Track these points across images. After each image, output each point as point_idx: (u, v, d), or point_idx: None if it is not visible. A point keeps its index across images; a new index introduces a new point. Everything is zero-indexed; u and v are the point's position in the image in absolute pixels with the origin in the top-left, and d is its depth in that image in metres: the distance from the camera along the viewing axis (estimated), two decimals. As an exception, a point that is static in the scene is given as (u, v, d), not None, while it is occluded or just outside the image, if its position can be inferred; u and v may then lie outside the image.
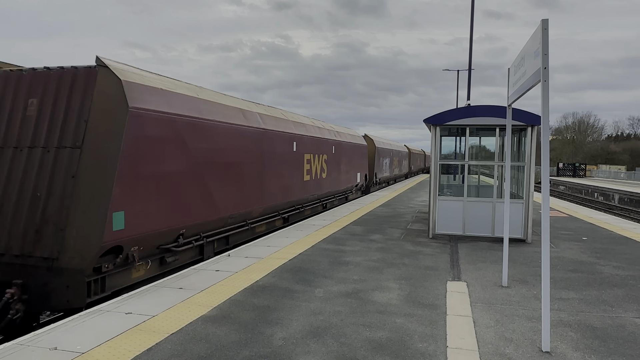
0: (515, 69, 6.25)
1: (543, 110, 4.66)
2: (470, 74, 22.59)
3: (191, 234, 8.94)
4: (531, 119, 10.08)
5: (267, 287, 6.62)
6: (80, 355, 4.35)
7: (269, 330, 5.04)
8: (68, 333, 4.87)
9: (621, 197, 35.10)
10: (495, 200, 10.68)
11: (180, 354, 4.42)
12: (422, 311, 5.74)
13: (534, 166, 10.46)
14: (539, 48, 4.67)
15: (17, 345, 4.58)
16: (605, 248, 10.11)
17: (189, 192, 8.65)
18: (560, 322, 5.50)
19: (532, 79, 5.04)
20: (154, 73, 8.61)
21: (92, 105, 6.93)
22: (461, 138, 12.35)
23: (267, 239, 10.45)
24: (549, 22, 4.64)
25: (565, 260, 8.79)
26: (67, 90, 7.09)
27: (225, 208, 9.97)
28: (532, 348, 4.71)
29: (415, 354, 4.50)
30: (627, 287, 7.05)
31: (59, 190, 6.73)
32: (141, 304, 5.82)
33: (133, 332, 4.93)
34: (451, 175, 14.13)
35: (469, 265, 8.24)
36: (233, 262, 8.16)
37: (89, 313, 5.49)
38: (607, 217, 16.25)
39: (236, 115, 10.68)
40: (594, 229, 12.92)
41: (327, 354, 4.46)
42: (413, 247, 9.73)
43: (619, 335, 5.12)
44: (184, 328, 5.05)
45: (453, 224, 10.89)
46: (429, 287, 6.83)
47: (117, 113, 6.96)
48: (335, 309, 5.77)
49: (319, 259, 8.42)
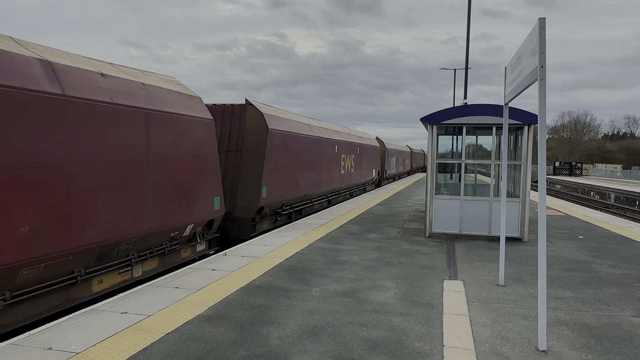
0: (512, 67, 6.24)
1: (540, 109, 4.66)
2: (467, 73, 22.61)
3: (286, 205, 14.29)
4: (528, 117, 10.09)
5: (263, 287, 6.60)
6: (75, 355, 4.32)
7: (265, 329, 5.03)
8: (63, 333, 4.84)
9: (617, 196, 35.21)
10: (492, 199, 10.69)
11: (176, 353, 4.40)
12: (419, 310, 5.74)
13: (531, 165, 10.48)
14: (536, 46, 4.66)
15: (12, 345, 4.54)
16: (602, 247, 10.14)
17: (288, 178, 13.97)
18: (557, 320, 5.50)
19: (529, 78, 5.03)
20: (271, 106, 14.09)
21: (246, 127, 12.30)
22: (458, 137, 12.35)
23: (263, 238, 10.43)
24: (545, 21, 4.63)
25: (561, 259, 8.80)
26: (231, 118, 12.40)
27: (302, 189, 15.34)
28: (528, 347, 4.71)
29: (412, 353, 4.49)
30: (623, 285, 7.07)
31: (230, 175, 12.06)
32: (137, 304, 5.79)
33: (128, 331, 4.90)
34: (448, 174, 14.15)
35: (465, 264, 8.24)
36: (229, 261, 8.14)
37: (84, 313, 5.46)
38: (604, 216, 16.30)
39: (307, 129, 15.96)
40: (590, 228, 12.95)
41: (323, 353, 4.44)
42: (410, 246, 9.73)
43: (615, 333, 5.12)
44: (180, 327, 5.03)
45: (450, 222, 10.90)
46: (425, 286, 6.82)
47: (261, 131, 12.27)
48: (331, 308, 5.75)
49: (315, 258, 8.41)
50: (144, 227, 7.90)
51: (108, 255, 7.31)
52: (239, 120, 12.37)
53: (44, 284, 6.26)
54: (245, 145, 12.20)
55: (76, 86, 6.58)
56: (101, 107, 6.92)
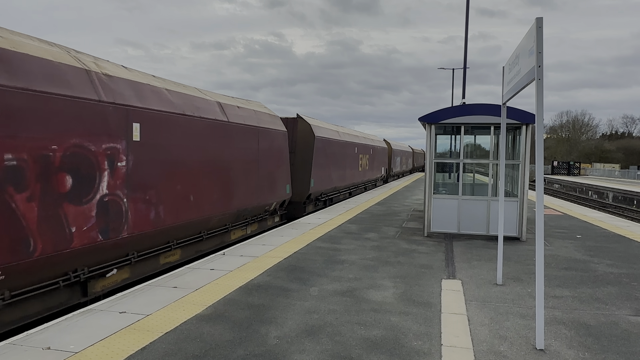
0: (509, 67, 6.25)
1: (537, 108, 4.67)
2: (465, 73, 22.63)
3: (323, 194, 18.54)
4: (526, 117, 10.11)
5: (262, 286, 6.61)
6: (74, 354, 4.33)
7: (263, 329, 5.03)
8: (61, 332, 4.84)
9: (615, 195, 35.29)
10: (490, 198, 10.71)
11: (175, 353, 4.40)
12: (417, 309, 5.75)
13: (529, 164, 10.49)
14: (534, 46, 4.67)
15: (10, 345, 4.54)
16: (599, 246, 10.16)
17: (325, 173, 18.06)
18: (554, 319, 5.52)
19: (527, 77, 5.05)
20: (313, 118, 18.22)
21: (297, 134, 16.25)
22: (456, 136, 12.36)
23: (262, 237, 10.43)
24: (543, 20, 4.64)
25: (559, 258, 8.82)
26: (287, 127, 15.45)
27: (334, 182, 19.55)
28: (526, 346, 4.72)
29: (410, 352, 4.50)
30: (620, 284, 7.09)
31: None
32: (135, 303, 5.80)
33: (127, 331, 4.90)
34: (446, 173, 14.16)
35: (463, 263, 8.26)
36: (228, 260, 8.14)
37: (83, 312, 5.46)
38: (601, 215, 16.33)
39: (336, 134, 20.05)
40: (588, 227, 12.98)
41: (321, 353, 4.45)
42: (408, 246, 9.74)
43: (612, 332, 5.14)
44: (178, 327, 5.03)
45: (448, 222, 10.91)
46: (423, 285, 6.84)
47: (309, 138, 16.24)
48: (330, 307, 5.76)
49: (314, 258, 8.42)
50: (254, 201, 12.27)
51: (238, 217, 11.62)
52: (292, 129, 16.14)
53: (216, 229, 10.65)
54: (297, 148, 16.21)
55: (231, 116, 11.08)
56: (241, 127, 11.44)
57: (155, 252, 8.52)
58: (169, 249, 8.89)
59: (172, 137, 8.62)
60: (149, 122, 7.96)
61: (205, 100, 10.17)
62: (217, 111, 10.39)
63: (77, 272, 6.73)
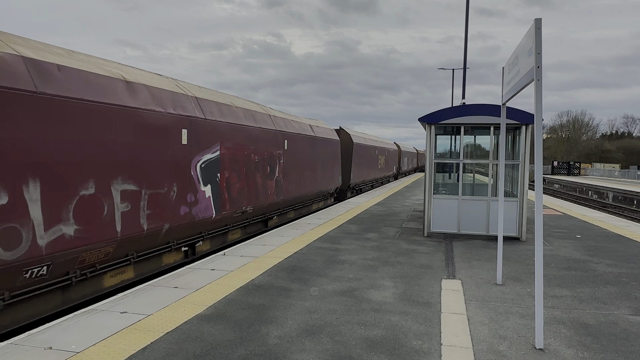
0: (509, 67, 6.28)
1: (536, 109, 4.69)
2: (465, 73, 22.66)
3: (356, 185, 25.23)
4: (525, 117, 10.13)
5: (262, 286, 6.63)
6: (75, 354, 4.35)
7: (264, 328, 5.05)
8: (63, 332, 4.86)
9: (615, 195, 35.30)
10: (490, 198, 10.73)
11: (175, 352, 4.42)
12: (417, 309, 5.77)
13: (529, 164, 10.51)
14: (532, 47, 4.70)
15: (12, 345, 4.56)
16: (599, 246, 10.18)
17: (359, 169, 24.74)
18: (554, 319, 5.54)
19: (526, 78, 5.07)
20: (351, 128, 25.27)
21: (341, 141, 22.38)
22: (456, 137, 12.38)
23: (262, 237, 10.45)
24: (542, 21, 4.66)
25: (558, 258, 8.84)
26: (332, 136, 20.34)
27: (363, 176, 25.92)
28: (525, 345, 4.74)
29: (410, 351, 4.52)
30: (620, 284, 7.11)
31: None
32: (136, 303, 5.82)
33: (128, 331, 4.92)
34: (446, 173, 14.18)
35: (463, 263, 8.28)
36: (228, 261, 8.16)
37: (84, 312, 5.48)
38: (601, 215, 16.35)
39: (363, 140, 25.99)
40: (588, 227, 13.00)
41: (322, 352, 4.47)
42: (408, 246, 9.76)
43: (611, 332, 5.16)
44: (179, 327, 5.05)
45: (448, 222, 10.93)
46: (423, 285, 6.86)
47: (350, 144, 23.35)
48: (330, 307, 5.78)
49: (314, 258, 8.44)
50: (325, 186, 19.00)
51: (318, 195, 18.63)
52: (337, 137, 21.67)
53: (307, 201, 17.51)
54: (341, 151, 22.10)
55: (316, 132, 17.90)
56: (319, 139, 18.05)
57: (289, 209, 15.38)
58: (292, 208, 15.79)
59: (296, 146, 15.42)
60: (290, 140, 14.80)
61: (304, 124, 17.00)
62: (309, 130, 17.31)
63: (265, 215, 13.27)
